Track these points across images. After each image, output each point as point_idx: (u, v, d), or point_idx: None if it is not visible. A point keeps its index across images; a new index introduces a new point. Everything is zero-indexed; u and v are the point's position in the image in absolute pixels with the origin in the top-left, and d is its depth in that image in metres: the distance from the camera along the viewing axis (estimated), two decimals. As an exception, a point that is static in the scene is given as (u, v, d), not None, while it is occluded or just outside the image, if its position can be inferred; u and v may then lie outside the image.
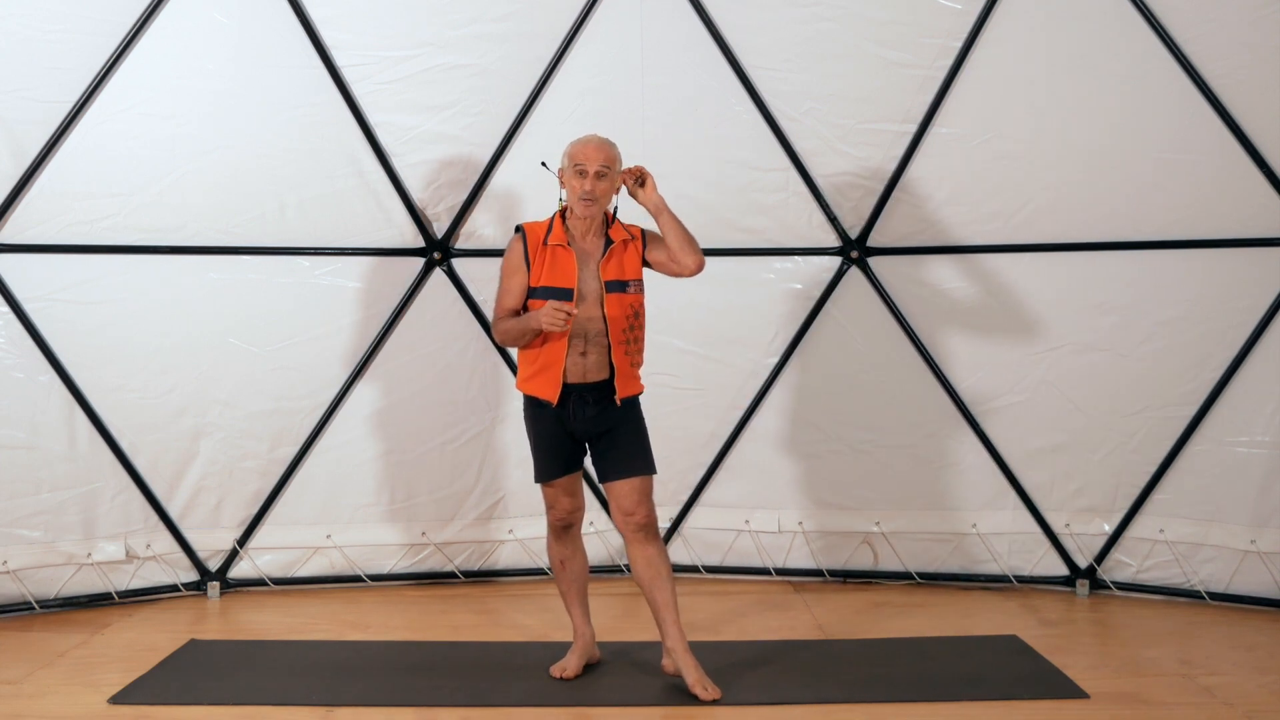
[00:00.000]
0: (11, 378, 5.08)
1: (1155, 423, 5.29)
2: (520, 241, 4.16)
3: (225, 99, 5.17)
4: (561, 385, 4.10)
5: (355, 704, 4.10)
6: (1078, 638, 4.83)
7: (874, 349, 5.48)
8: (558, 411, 4.14)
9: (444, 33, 5.26)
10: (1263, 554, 5.13)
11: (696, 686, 4.08)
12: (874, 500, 5.55)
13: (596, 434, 4.17)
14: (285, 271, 5.33)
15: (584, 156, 4.07)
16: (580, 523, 4.34)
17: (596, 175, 4.05)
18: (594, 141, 4.11)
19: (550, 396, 4.12)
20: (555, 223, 4.15)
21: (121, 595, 5.28)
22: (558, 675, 4.28)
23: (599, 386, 4.13)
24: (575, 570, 4.34)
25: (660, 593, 4.14)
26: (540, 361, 4.13)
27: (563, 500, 4.26)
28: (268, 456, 5.42)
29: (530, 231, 4.16)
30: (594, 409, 4.13)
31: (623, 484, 4.14)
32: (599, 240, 4.17)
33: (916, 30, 5.24)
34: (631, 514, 4.13)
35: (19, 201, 5.03)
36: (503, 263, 4.20)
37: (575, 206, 4.10)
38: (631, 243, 4.19)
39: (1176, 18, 5.03)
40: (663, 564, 4.15)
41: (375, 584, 5.55)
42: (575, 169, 4.08)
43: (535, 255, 4.12)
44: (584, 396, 4.13)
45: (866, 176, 5.38)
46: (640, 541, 4.14)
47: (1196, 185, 5.13)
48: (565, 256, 4.10)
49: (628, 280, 4.14)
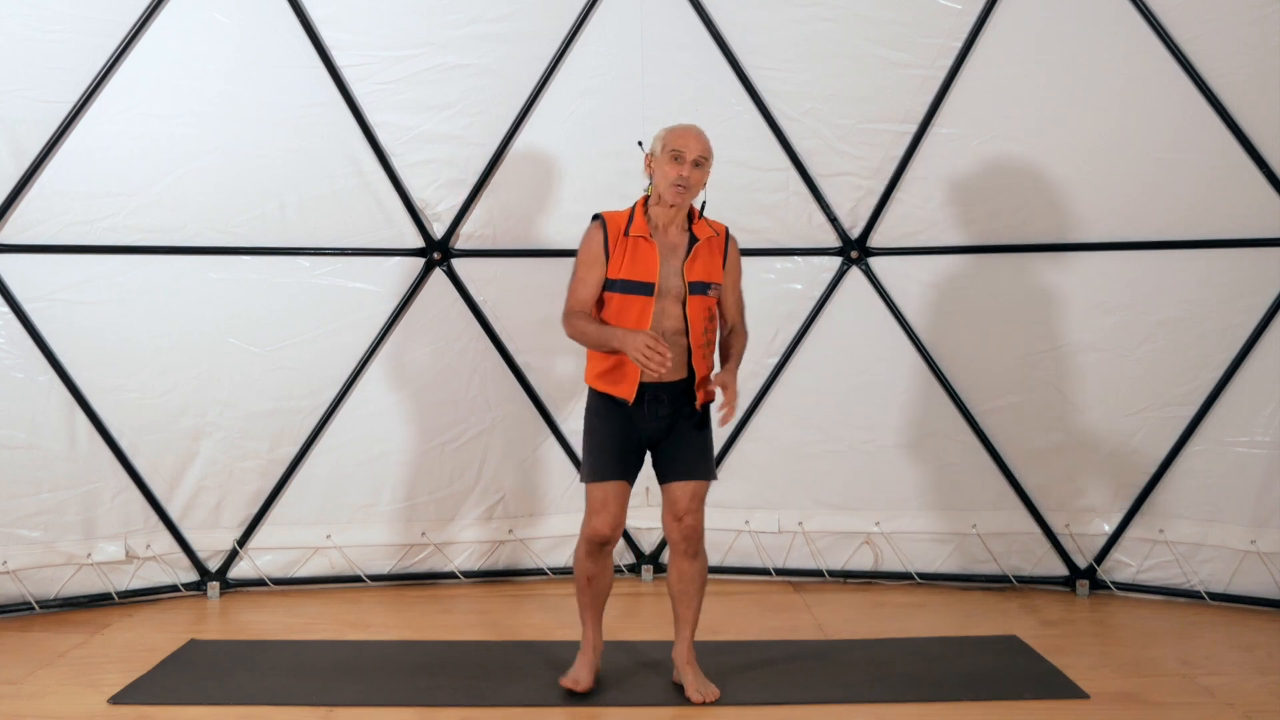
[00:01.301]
0: (11, 378, 5.08)
1: (1155, 423, 5.29)
2: (600, 230, 3.99)
3: (225, 99, 5.17)
4: (639, 384, 3.97)
5: (355, 704, 4.10)
6: (1078, 638, 4.83)
7: (874, 349, 5.48)
8: (631, 411, 4.01)
9: (444, 33, 5.27)
10: (1263, 554, 5.13)
11: (690, 689, 4.09)
12: (874, 500, 5.55)
13: (663, 436, 4.05)
14: (285, 271, 5.33)
15: (683, 142, 3.92)
16: (617, 542, 4.14)
17: (694, 163, 3.91)
18: (694, 129, 3.97)
19: (627, 395, 3.98)
20: (637, 212, 4.00)
21: (121, 595, 5.28)
22: (569, 687, 4.14)
23: (674, 386, 4.01)
24: (601, 587, 4.17)
25: (684, 609, 4.11)
26: (615, 358, 3.97)
27: (611, 507, 4.04)
28: (268, 456, 5.42)
29: (610, 220, 4.00)
30: (668, 408, 4.01)
31: (681, 486, 4.03)
32: (683, 234, 4.01)
33: (916, 30, 5.24)
34: (682, 518, 4.03)
35: (19, 201, 5.03)
36: (579, 252, 4.02)
37: (666, 193, 3.93)
38: (715, 241, 4.05)
39: (1176, 18, 5.03)
40: (694, 582, 4.09)
41: (375, 584, 5.55)
42: (671, 154, 3.91)
43: (615, 245, 3.95)
44: (659, 396, 4.00)
45: (866, 176, 5.38)
46: (682, 554, 4.06)
47: (1196, 185, 5.13)
48: (648, 249, 3.95)
49: (710, 283, 4.01)
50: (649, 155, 4.02)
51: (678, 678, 4.20)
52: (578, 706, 4.07)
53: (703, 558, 4.11)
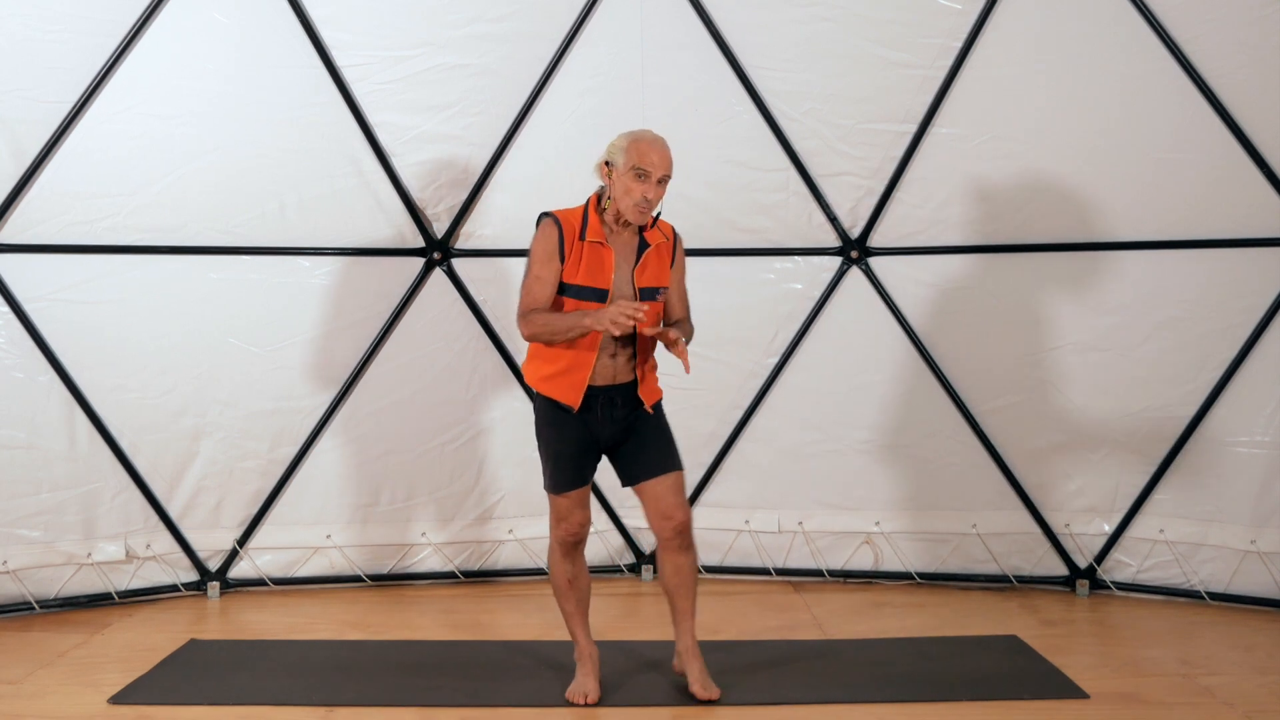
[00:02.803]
0: (11, 378, 5.08)
1: (1155, 423, 5.29)
2: (554, 228, 3.86)
3: (225, 99, 5.17)
4: (586, 389, 3.88)
5: (355, 704, 4.10)
6: (1078, 638, 4.83)
7: (874, 349, 5.48)
8: (582, 416, 3.93)
9: (444, 33, 5.27)
10: (1263, 554, 5.13)
11: (695, 684, 4.08)
12: (874, 500, 5.55)
13: (620, 438, 3.99)
14: (285, 271, 5.33)
15: (648, 160, 3.76)
16: (587, 539, 4.12)
17: (659, 181, 3.78)
18: (659, 143, 3.81)
19: (572, 401, 3.88)
20: (591, 215, 3.89)
21: (121, 595, 5.28)
22: (580, 702, 4.04)
23: (627, 388, 3.95)
24: (582, 588, 4.13)
25: (683, 601, 4.09)
26: (564, 362, 3.88)
27: (576, 513, 4.01)
28: (268, 456, 5.42)
29: (565, 220, 3.87)
30: (623, 410, 3.95)
31: (659, 482, 3.96)
32: (633, 238, 3.93)
33: (916, 30, 5.24)
34: (670, 516, 3.97)
35: (19, 201, 5.03)
36: (532, 248, 3.90)
37: (628, 213, 3.80)
38: (665, 245, 3.98)
39: (1176, 18, 5.03)
40: (690, 573, 4.06)
41: (375, 584, 5.55)
42: (634, 171, 3.77)
43: (570, 249, 3.84)
44: (613, 399, 3.93)
45: (866, 176, 5.38)
46: (675, 549, 4.02)
47: (1196, 185, 5.13)
48: (605, 255, 3.86)
49: (659, 288, 3.95)
50: (607, 163, 3.86)
51: (679, 667, 4.18)
52: (577, 707, 4.06)
53: (694, 548, 4.08)
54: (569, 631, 4.19)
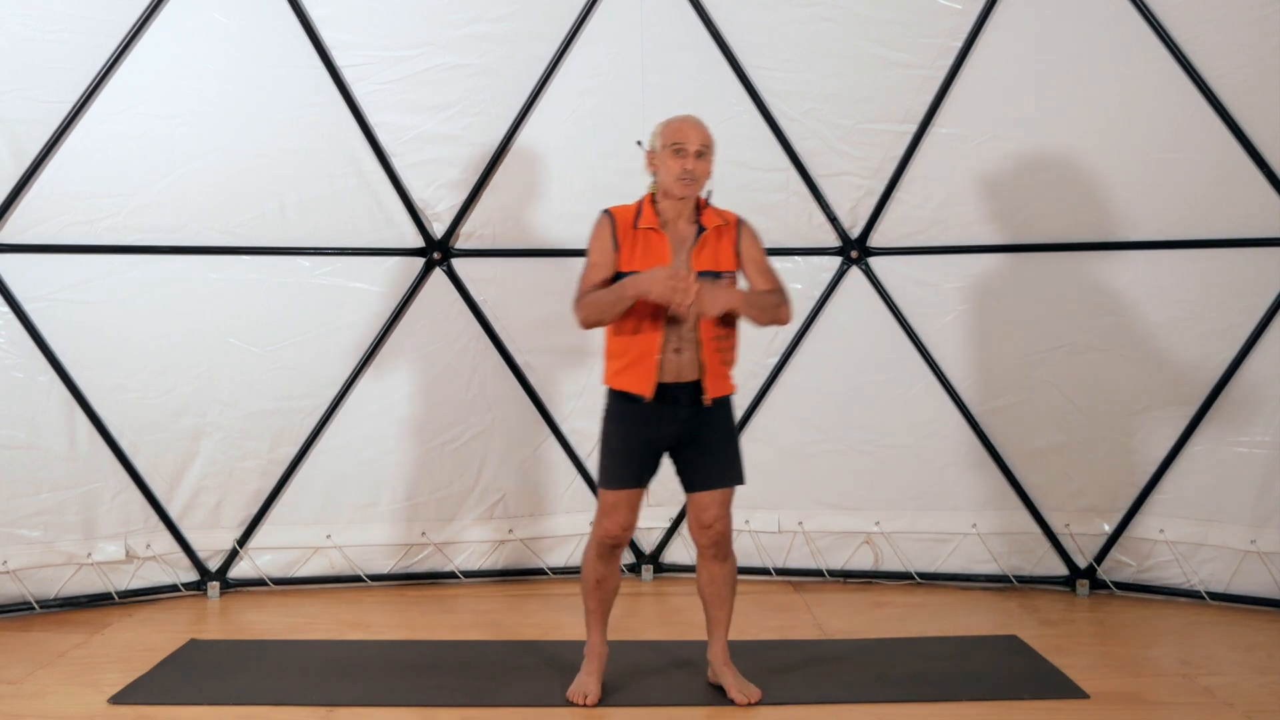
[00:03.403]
0: (11, 378, 5.08)
1: (1155, 423, 5.29)
2: (608, 222, 3.92)
3: (225, 99, 5.17)
4: (657, 382, 3.88)
5: (355, 704, 4.10)
6: (1078, 638, 4.83)
7: (874, 349, 5.48)
8: (650, 412, 3.91)
9: (444, 33, 5.27)
10: (1263, 554, 5.13)
11: (732, 691, 4.07)
12: (874, 500, 5.55)
13: (685, 439, 3.96)
14: (285, 271, 5.33)
15: (682, 135, 3.85)
16: (627, 543, 4.08)
17: (696, 154, 3.85)
18: (691, 120, 3.90)
19: (645, 391, 3.86)
20: (645, 206, 3.93)
21: (121, 595, 5.28)
22: (580, 702, 4.04)
23: (693, 386, 3.90)
24: (609, 590, 4.11)
25: (717, 610, 4.10)
26: (632, 354, 3.88)
27: (623, 512, 3.98)
28: (268, 456, 5.42)
29: (619, 214, 3.93)
30: (688, 409, 3.91)
31: (710, 495, 3.96)
32: (691, 226, 3.93)
33: (916, 30, 5.24)
34: (709, 525, 3.97)
35: (19, 201, 5.03)
36: (590, 244, 3.93)
37: (673, 187, 3.85)
38: (726, 229, 3.95)
39: (1176, 18, 5.03)
40: (725, 584, 4.06)
41: (375, 584, 5.55)
42: (672, 148, 3.85)
43: (624, 239, 3.88)
44: (678, 396, 3.90)
45: (866, 176, 5.38)
46: (712, 558, 4.03)
47: (1196, 185, 5.13)
48: (659, 241, 3.88)
49: (721, 272, 3.90)
50: (650, 152, 3.97)
51: (714, 678, 4.18)
52: (578, 707, 4.06)
53: (732, 559, 4.08)
54: (585, 626, 4.18)
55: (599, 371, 5.51)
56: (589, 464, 5.63)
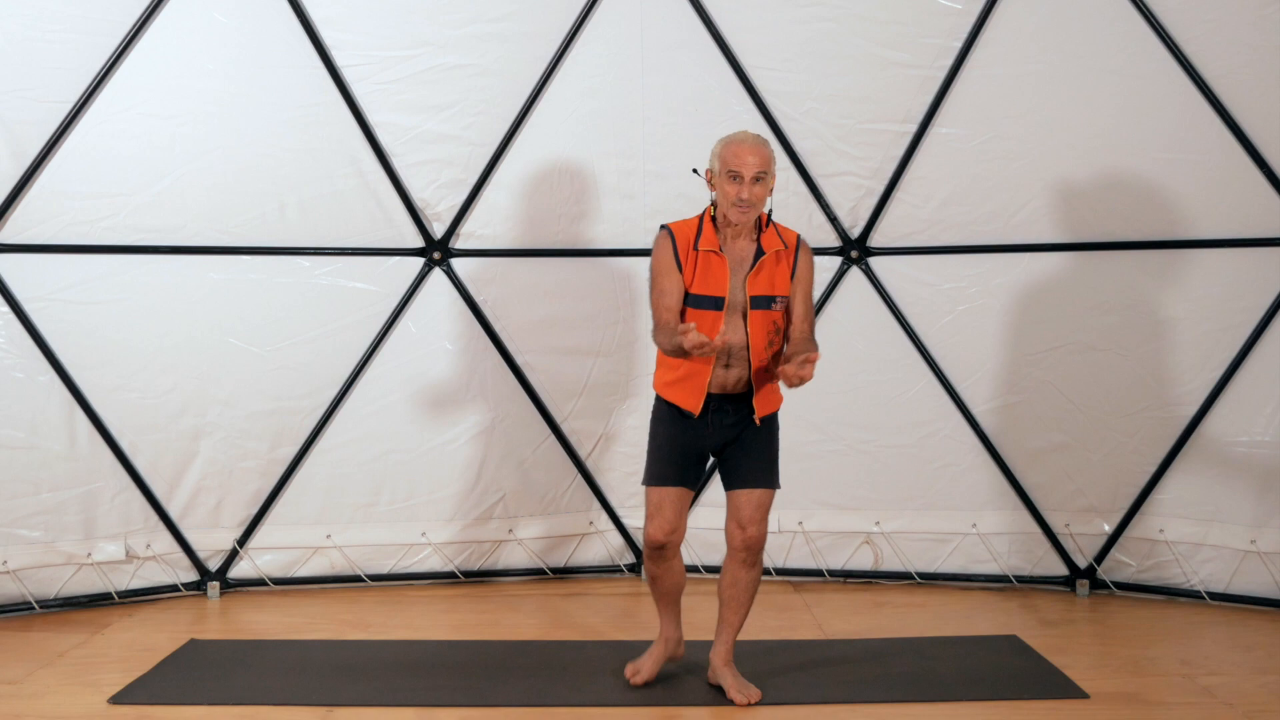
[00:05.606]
0: (11, 378, 5.08)
1: (1155, 423, 5.29)
2: (668, 240, 3.92)
3: (225, 99, 5.17)
4: (705, 395, 3.93)
5: (355, 704, 4.10)
6: (1078, 638, 4.83)
7: (874, 349, 5.48)
8: (697, 420, 3.97)
9: (444, 33, 5.27)
10: (1263, 554, 5.13)
11: (732, 691, 4.08)
12: (874, 500, 5.55)
13: (730, 442, 4.02)
14: (285, 271, 5.33)
15: (739, 161, 3.80)
16: (677, 546, 4.07)
17: (754, 180, 3.80)
18: (749, 142, 3.85)
19: (693, 407, 3.94)
20: (705, 224, 3.92)
21: (121, 595, 5.28)
22: (629, 675, 4.18)
23: (739, 398, 3.97)
24: (665, 587, 4.15)
25: (731, 613, 4.11)
26: (685, 369, 3.93)
27: (667, 510, 4.00)
28: (268, 456, 5.42)
29: (678, 232, 3.92)
30: (732, 418, 3.98)
31: (747, 494, 4.00)
32: (750, 245, 3.92)
33: (916, 30, 5.24)
34: (745, 527, 3.99)
35: (19, 201, 5.03)
36: (652, 265, 3.95)
37: (729, 214, 3.84)
38: (785, 254, 3.95)
39: (1176, 18, 5.03)
40: (746, 590, 4.08)
41: (375, 584, 5.55)
42: (728, 174, 3.82)
43: (686, 258, 3.88)
44: (724, 407, 3.96)
45: (866, 176, 5.38)
46: (739, 562, 4.05)
47: (1196, 185, 5.13)
48: (719, 263, 3.88)
49: (775, 296, 3.92)
50: (709, 171, 3.94)
51: (714, 679, 4.18)
52: (578, 706, 4.07)
53: (759, 568, 4.10)
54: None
55: (599, 371, 5.57)
56: (589, 464, 5.64)
